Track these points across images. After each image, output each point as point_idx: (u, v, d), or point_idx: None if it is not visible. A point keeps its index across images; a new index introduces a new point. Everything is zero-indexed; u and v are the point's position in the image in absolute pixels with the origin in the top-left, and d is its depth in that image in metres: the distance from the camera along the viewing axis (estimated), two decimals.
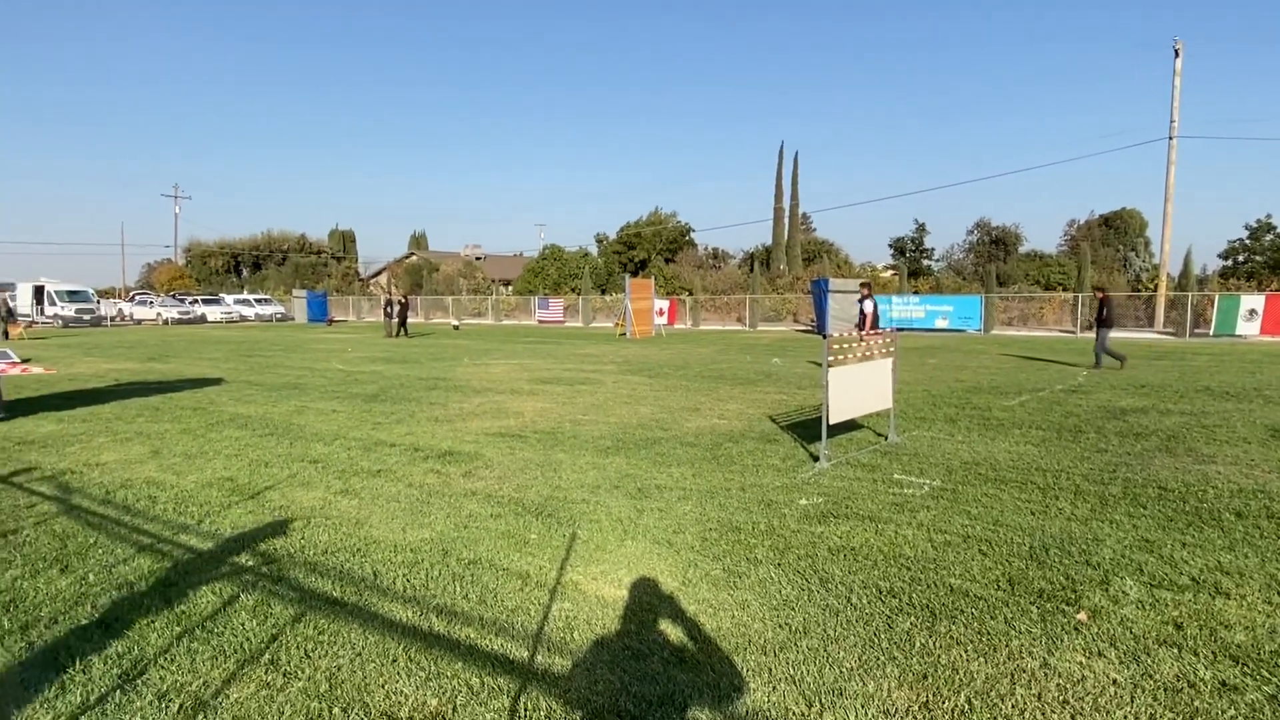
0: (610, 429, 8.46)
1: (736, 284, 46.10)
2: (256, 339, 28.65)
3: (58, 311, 42.57)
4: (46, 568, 4.23)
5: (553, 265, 54.96)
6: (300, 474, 6.47)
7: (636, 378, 13.87)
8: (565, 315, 44.88)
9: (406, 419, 9.26)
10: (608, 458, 7.00)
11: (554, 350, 21.94)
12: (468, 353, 20.89)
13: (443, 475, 6.39)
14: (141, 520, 5.12)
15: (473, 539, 4.72)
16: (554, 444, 7.65)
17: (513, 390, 12.09)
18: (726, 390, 11.87)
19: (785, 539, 4.68)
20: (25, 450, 7.45)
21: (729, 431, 8.27)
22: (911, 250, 50.07)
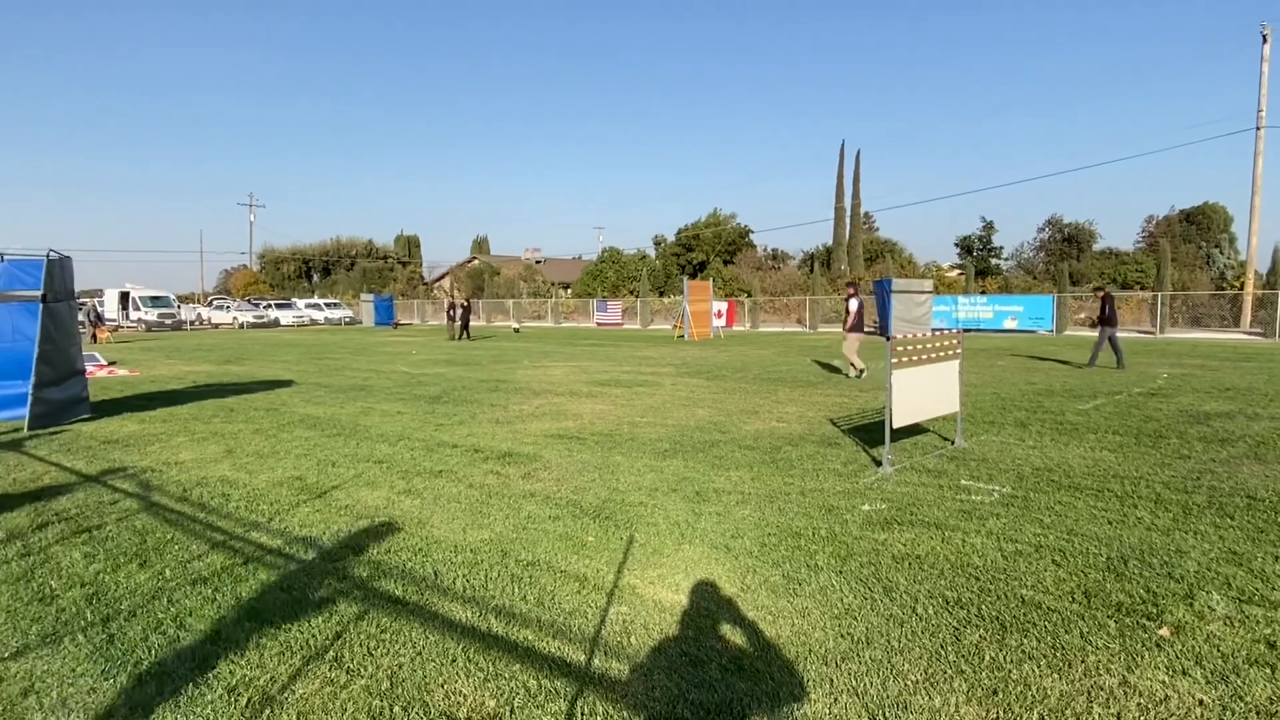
0: (668, 431, 8.43)
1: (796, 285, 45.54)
2: (326, 342, 29.56)
3: (141, 316, 44.73)
4: (127, 562, 4.41)
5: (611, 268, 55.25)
6: (365, 474, 6.62)
7: (694, 380, 13.80)
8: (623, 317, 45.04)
9: (468, 420, 9.41)
10: (665, 460, 6.97)
11: (612, 352, 22.02)
12: (528, 355, 21.13)
13: (502, 476, 6.46)
14: (215, 517, 5.31)
15: (531, 540, 4.75)
16: (612, 446, 7.66)
17: (571, 392, 12.17)
18: (786, 392, 11.71)
19: (847, 546, 4.57)
20: (110, 449, 7.82)
21: (788, 435, 8.15)
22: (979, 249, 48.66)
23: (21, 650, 3.34)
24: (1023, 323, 29.87)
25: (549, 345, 26.13)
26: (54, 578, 4.18)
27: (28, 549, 4.66)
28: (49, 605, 3.81)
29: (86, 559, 4.47)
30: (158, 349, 25.67)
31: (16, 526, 5.12)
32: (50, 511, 5.47)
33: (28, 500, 5.78)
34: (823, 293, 39.70)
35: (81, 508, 5.58)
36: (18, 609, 3.76)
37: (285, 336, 35.48)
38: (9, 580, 4.15)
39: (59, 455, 7.50)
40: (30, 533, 4.98)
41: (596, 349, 23.81)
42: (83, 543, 4.77)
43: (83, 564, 4.39)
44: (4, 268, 9.44)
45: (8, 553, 4.59)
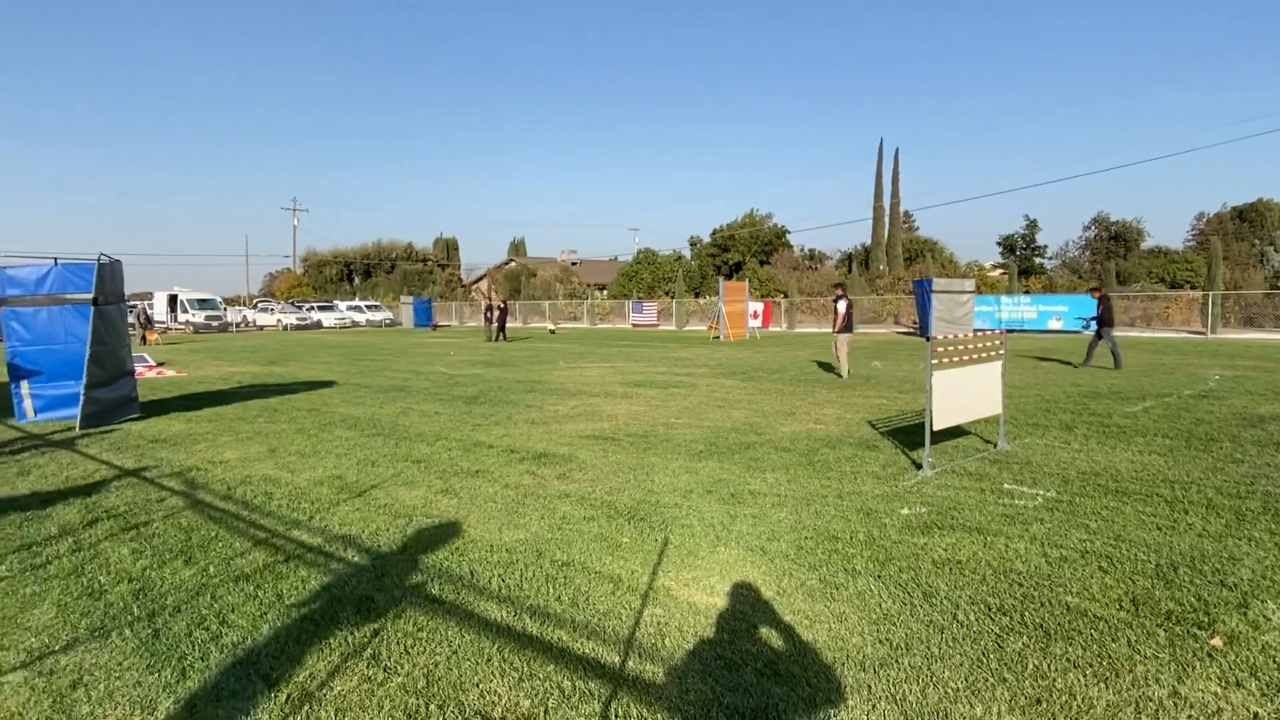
0: (703, 433, 8.39)
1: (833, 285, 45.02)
2: (367, 343, 30.04)
3: (189, 318, 45.94)
4: (173, 558, 4.52)
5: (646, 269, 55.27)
6: (404, 473, 6.70)
7: (730, 381, 13.73)
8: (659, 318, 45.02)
9: (504, 421, 9.47)
10: (700, 462, 6.93)
11: (647, 353, 22.01)
12: (563, 356, 21.22)
13: (538, 477, 6.48)
14: (258, 515, 5.41)
15: (566, 541, 4.75)
16: (647, 447, 7.65)
17: (606, 393, 12.19)
18: (823, 394, 11.58)
19: (886, 550, 4.50)
20: (157, 448, 8.02)
21: (825, 437, 8.06)
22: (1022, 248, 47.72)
23: (71, 643, 3.44)
24: (1068, 323, 29.19)
25: (584, 346, 26.22)
26: (103, 573, 4.29)
27: (79, 545, 4.80)
28: (98, 600, 3.91)
29: (134, 555, 4.59)
30: (205, 350, 26.33)
31: (68, 523, 5.28)
32: (100, 508, 5.63)
33: (79, 497, 5.96)
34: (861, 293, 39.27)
35: (130, 505, 5.73)
36: (68, 603, 3.87)
37: (327, 338, 36.15)
38: (60, 575, 4.27)
39: (109, 454, 7.72)
40: (81, 529, 5.13)
41: (632, 350, 23.82)
42: (131, 539, 4.89)
43: (130, 560, 4.50)
44: (57, 272, 9.76)
45: (60, 548, 4.73)
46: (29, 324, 9.74)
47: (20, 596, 3.98)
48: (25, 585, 4.13)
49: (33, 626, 3.61)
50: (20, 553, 4.66)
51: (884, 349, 22.31)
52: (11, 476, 6.74)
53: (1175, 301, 31.20)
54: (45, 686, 3.09)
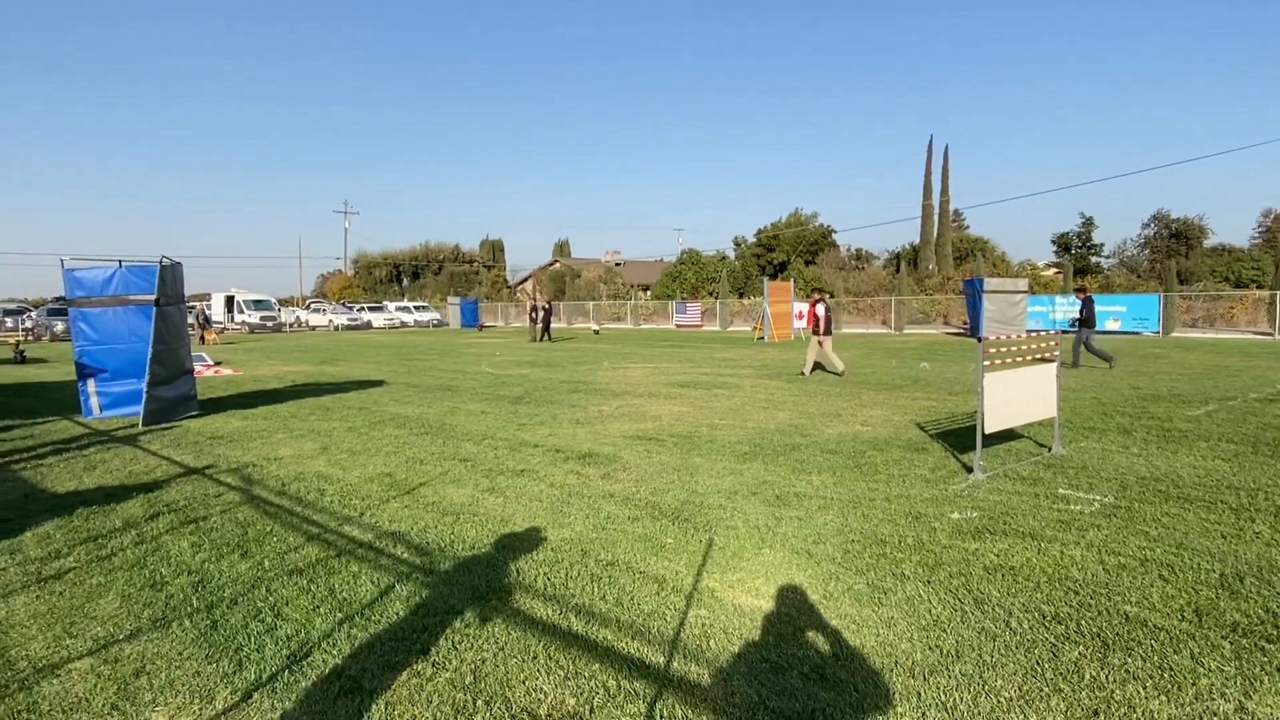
0: (748, 434, 8.35)
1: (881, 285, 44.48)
2: (415, 344, 30.56)
3: (245, 319, 47.30)
4: (230, 552, 4.66)
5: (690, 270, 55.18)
6: (451, 472, 6.80)
7: (774, 382, 13.64)
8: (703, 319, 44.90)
9: (549, 421, 9.55)
10: (745, 463, 6.90)
11: (691, 354, 21.98)
12: (607, 356, 21.30)
13: (582, 476, 6.52)
14: (311, 511, 5.55)
15: (610, 541, 4.77)
16: (691, 448, 7.64)
17: (650, 394, 12.20)
18: (870, 395, 11.42)
19: (935, 555, 4.41)
20: (215, 445, 8.28)
21: (873, 439, 7.94)
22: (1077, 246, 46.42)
23: (135, 633, 3.56)
24: (1126, 323, 28.28)
25: (628, 347, 26.28)
26: (164, 565, 4.44)
27: (141, 538, 4.98)
28: (159, 591, 4.05)
29: (193, 548, 4.74)
30: (259, 350, 27.08)
31: (132, 516, 5.47)
32: (161, 503, 5.83)
33: (142, 491, 6.18)
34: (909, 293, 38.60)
35: (189, 500, 5.92)
36: (132, 594, 4.02)
37: (377, 338, 36.88)
38: (125, 567, 4.43)
39: (169, 450, 7.99)
40: (144, 522, 5.32)
41: (675, 351, 23.81)
42: (190, 533, 5.06)
43: (190, 553, 4.65)
44: (121, 274, 10.14)
45: (124, 541, 4.91)
46: (95, 324, 10.14)
47: (87, 586, 4.14)
48: (92, 576, 4.29)
49: (99, 615, 3.75)
50: (87, 544, 4.85)
51: (933, 350, 21.91)
52: (79, 471, 7.02)
53: (1240, 301, 30.00)
54: (110, 674, 3.20)
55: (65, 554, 4.67)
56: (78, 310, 10.11)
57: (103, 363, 10.22)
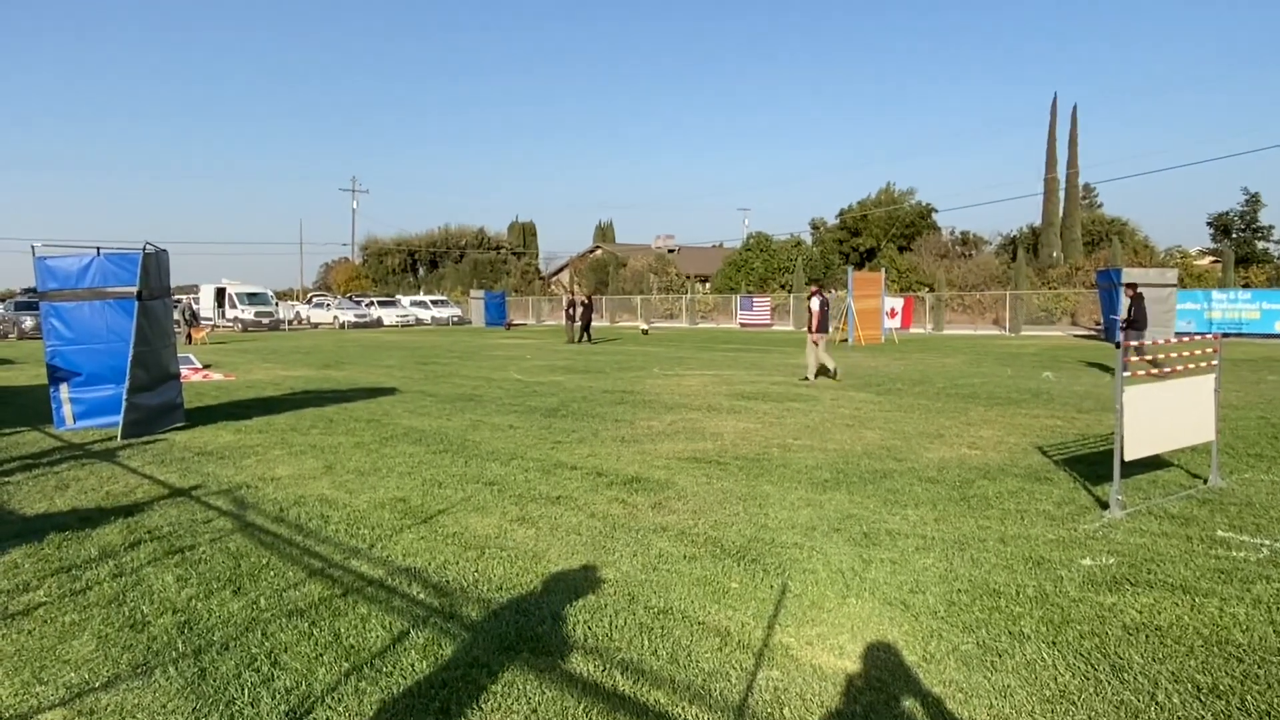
0: (828, 457, 8.28)
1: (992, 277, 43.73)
2: (432, 344, 31.06)
3: (238, 315, 48.68)
4: (220, 588, 4.79)
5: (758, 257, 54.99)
6: (475, 497, 6.88)
7: (861, 394, 13.50)
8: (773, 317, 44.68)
9: (589, 438, 9.60)
10: (825, 493, 6.84)
11: (759, 359, 21.88)
12: (658, 361, 21.34)
13: (629, 505, 6.54)
14: (313, 541, 5.67)
15: (663, 584, 4.77)
16: (759, 473, 7.61)
17: (709, 406, 12.19)
18: (979, 412, 11.23)
19: (1062, 610, 4.31)
20: (204, 461, 8.53)
21: (983, 465, 7.81)
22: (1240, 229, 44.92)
23: (113, 680, 3.68)
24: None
25: (683, 350, 26.28)
26: (146, 602, 4.59)
27: (120, 569, 5.15)
28: (140, 632, 4.18)
29: (179, 583, 4.88)
30: (254, 351, 27.83)
31: (109, 544, 5.67)
32: (143, 528, 6.02)
33: (120, 515, 6.39)
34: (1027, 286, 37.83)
35: (174, 525, 6.11)
36: (109, 634, 4.16)
37: (388, 338, 37.59)
38: (101, 603, 4.59)
39: (152, 467, 8.25)
40: (123, 551, 5.50)
41: (740, 355, 23.73)
42: (175, 564, 5.21)
43: (175, 588, 4.79)
44: (99, 263, 10.51)
45: (100, 572, 5.09)
46: (69, 320, 10.53)
47: (59, 625, 4.29)
48: (65, 613, 4.45)
49: (72, 659, 3.89)
50: (59, 576, 5.04)
51: (1058, 356, 21.42)
52: (50, 490, 7.29)
53: None
54: None
55: (35, 587, 4.86)
56: (50, 304, 10.51)
57: (77, 365, 10.61)
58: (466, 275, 73.05)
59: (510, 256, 78.98)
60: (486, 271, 74.03)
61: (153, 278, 10.38)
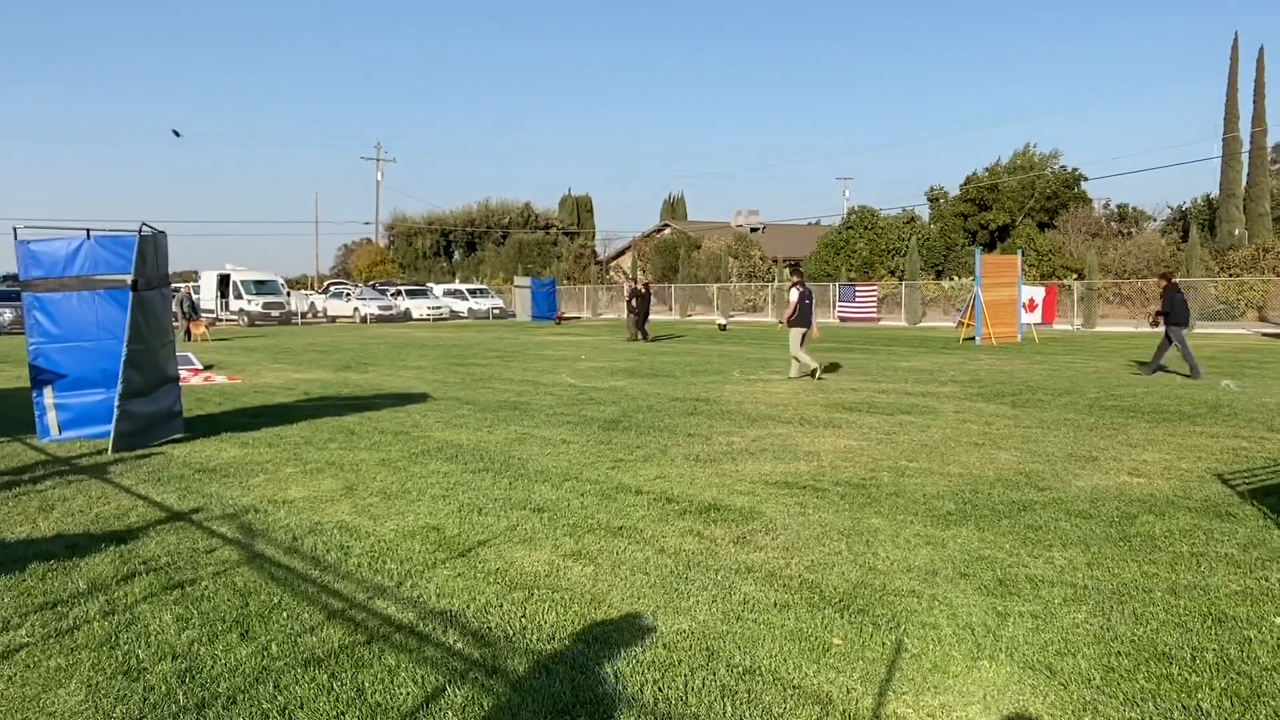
0: (952, 484, 8.17)
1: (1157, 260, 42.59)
2: (470, 342, 31.48)
3: (243, 306, 49.94)
4: (226, 631, 4.90)
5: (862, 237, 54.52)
6: (521, 525, 6.95)
7: (992, 406, 13.32)
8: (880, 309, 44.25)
9: (656, 456, 9.61)
10: (949, 529, 6.75)
11: (863, 361, 21.67)
12: (738, 363, 21.28)
13: (706, 540, 6.52)
14: (331, 577, 5.77)
15: (749, 637, 4.74)
16: (866, 502, 7.54)
17: (803, 419, 12.13)
18: (1142, 430, 10.97)
19: (1250, 680, 4.17)
20: (206, 479, 8.76)
21: (1148, 496, 7.63)
22: None
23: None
24: None
25: (770, 349, 26.16)
26: (141, 645, 4.72)
27: (112, 605, 5.31)
28: (136, 681, 4.30)
29: (179, 623, 5.01)
30: (262, 349, 28.53)
31: (99, 576, 5.85)
32: (137, 558, 6.21)
33: (112, 543, 6.59)
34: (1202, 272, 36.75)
35: (173, 555, 6.28)
36: (100, 683, 4.29)
37: (418, 334, 38.20)
38: (90, 645, 4.74)
39: (147, 486, 8.51)
40: (114, 584, 5.67)
41: (839, 356, 23.53)
42: (174, 601, 5.35)
43: (174, 629, 4.92)
44: (89, 247, 10.86)
45: (89, 609, 5.26)
46: (54, 314, 10.90)
47: (44, 670, 4.44)
48: (50, 656, 4.61)
49: (58, 712, 4.02)
50: (43, 613, 5.22)
51: (1242, 360, 20.78)
52: (33, 513, 7.57)
53: None
54: None
55: (16, 625, 5.03)
56: (34, 296, 10.88)
57: (62, 366, 10.95)
58: (510, 260, 73.91)
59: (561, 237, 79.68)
60: (533, 255, 74.78)
61: (150, 264, 10.62)
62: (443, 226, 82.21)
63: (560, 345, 29.19)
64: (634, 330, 31.78)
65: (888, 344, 28.44)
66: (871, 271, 51.52)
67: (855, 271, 51.79)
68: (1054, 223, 51.83)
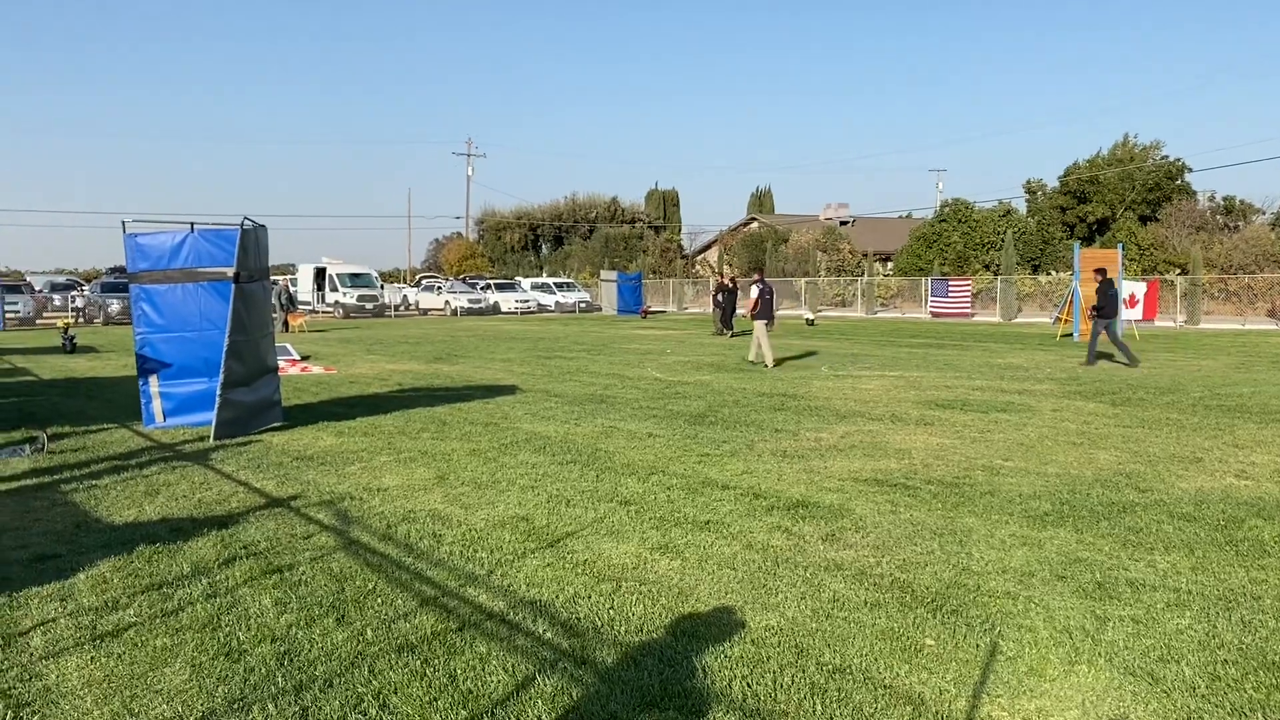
0: (1049, 484, 8.02)
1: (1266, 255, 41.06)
2: (557, 335, 31.78)
3: (338, 299, 51.07)
4: (323, 615, 5.03)
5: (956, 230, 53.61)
6: (609, 518, 7.01)
7: (1091, 404, 13.04)
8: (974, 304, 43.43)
9: (743, 451, 9.60)
10: (1045, 529, 6.62)
11: (956, 357, 21.33)
12: (826, 359, 21.13)
13: (794, 536, 6.50)
14: (424, 564, 5.89)
15: (838, 635, 4.70)
16: (959, 502, 7.44)
17: (894, 416, 12.02)
18: (1250, 431, 10.63)
19: None
20: (303, 467, 9.01)
21: (1257, 499, 7.40)
22: None
23: (208, 715, 3.92)
24: None
25: (859, 344, 25.89)
26: (242, 628, 4.87)
27: (214, 588, 5.49)
28: (237, 662, 4.44)
29: (278, 607, 5.16)
30: (357, 341, 29.19)
31: (202, 559, 6.05)
32: (238, 543, 6.41)
33: (214, 527, 6.82)
34: None
35: (272, 540, 6.47)
36: (204, 663, 4.43)
37: (506, 327, 38.70)
38: (195, 626, 4.90)
39: (247, 473, 8.77)
40: (216, 568, 5.86)
41: (932, 352, 23.18)
42: (273, 585, 5.51)
43: (273, 613, 5.07)
44: (193, 240, 11.23)
45: (193, 591, 5.44)
46: (160, 305, 11.33)
47: (151, 649, 4.61)
48: (156, 636, 4.78)
49: (165, 689, 4.16)
50: (150, 594, 5.41)
51: None
52: (139, 497, 7.86)
53: None
54: None
55: (125, 605, 5.23)
56: (140, 287, 11.32)
57: (166, 356, 11.39)
58: (596, 253, 74.36)
59: (648, 231, 79.88)
60: (620, 249, 75.11)
61: (251, 257, 10.95)
62: (531, 221, 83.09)
63: (646, 339, 29.29)
64: (719, 325, 31.79)
65: (981, 340, 27.92)
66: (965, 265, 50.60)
67: (949, 265, 50.91)
68: (1156, 215, 50.39)
